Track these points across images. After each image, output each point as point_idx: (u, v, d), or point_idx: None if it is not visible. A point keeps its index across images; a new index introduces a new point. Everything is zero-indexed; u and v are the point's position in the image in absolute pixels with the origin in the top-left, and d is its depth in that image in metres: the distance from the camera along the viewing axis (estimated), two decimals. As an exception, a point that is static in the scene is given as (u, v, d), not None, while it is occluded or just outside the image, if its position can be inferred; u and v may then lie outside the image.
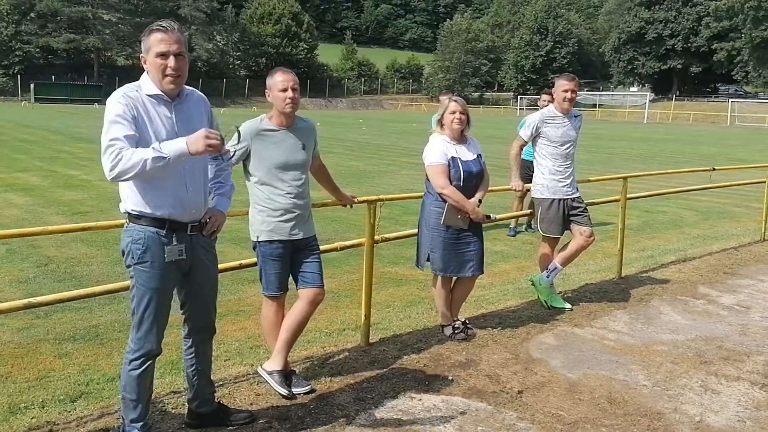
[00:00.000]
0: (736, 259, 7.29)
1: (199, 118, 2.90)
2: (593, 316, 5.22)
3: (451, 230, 4.44)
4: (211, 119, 3.02)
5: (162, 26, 2.74)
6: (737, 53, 64.41)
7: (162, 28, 2.74)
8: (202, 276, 3.00)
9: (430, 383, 3.89)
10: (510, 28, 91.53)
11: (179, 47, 2.75)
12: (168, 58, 2.72)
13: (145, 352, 2.86)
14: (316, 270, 3.69)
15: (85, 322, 4.78)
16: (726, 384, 3.97)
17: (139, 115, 2.71)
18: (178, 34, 2.76)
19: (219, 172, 3.11)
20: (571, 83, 5.23)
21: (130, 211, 2.80)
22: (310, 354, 4.29)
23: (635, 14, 73.51)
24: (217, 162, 3.08)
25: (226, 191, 3.13)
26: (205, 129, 2.61)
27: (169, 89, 2.78)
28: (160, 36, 2.73)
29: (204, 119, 2.95)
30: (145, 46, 2.77)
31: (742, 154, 24.41)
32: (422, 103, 79.51)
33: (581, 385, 3.91)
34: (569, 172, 5.27)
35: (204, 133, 2.57)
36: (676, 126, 53.13)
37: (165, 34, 2.73)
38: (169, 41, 2.72)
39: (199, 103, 2.96)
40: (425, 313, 5.25)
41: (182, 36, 2.80)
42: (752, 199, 11.94)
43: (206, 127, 2.87)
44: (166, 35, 2.73)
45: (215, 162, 3.07)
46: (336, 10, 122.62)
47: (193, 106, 2.91)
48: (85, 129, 26.89)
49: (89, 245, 6.98)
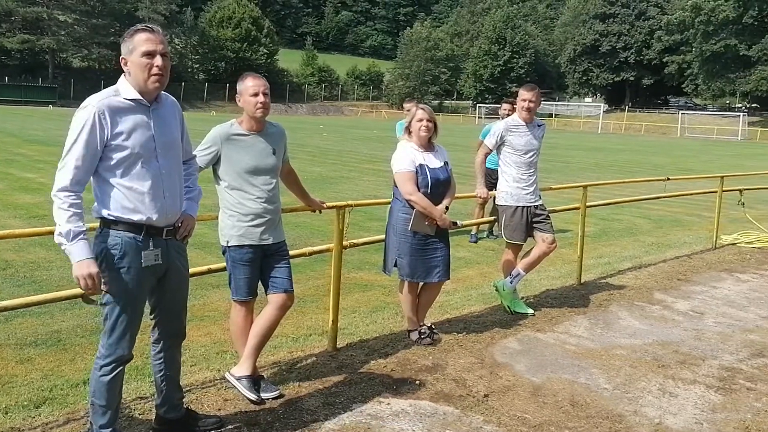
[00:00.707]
0: (689, 266, 7.55)
1: (174, 123, 2.91)
2: (555, 321, 5.34)
3: (418, 236, 4.50)
4: (183, 125, 3.02)
5: (148, 27, 2.75)
6: (688, 66, 66.63)
7: (148, 29, 2.75)
8: (176, 280, 2.98)
9: (397, 387, 3.93)
10: (469, 37, 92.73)
11: (165, 47, 2.76)
12: (154, 58, 2.71)
13: (116, 358, 2.83)
14: (285, 275, 3.70)
15: (46, 327, 4.68)
16: (683, 387, 4.12)
17: (113, 123, 2.68)
18: (163, 36, 2.77)
19: (187, 177, 3.10)
20: (529, 93, 5.36)
21: (106, 216, 2.76)
22: (277, 359, 4.28)
23: (590, 27, 75.44)
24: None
25: (194, 196, 3.12)
26: (93, 271, 2.60)
27: (153, 89, 2.76)
28: (145, 36, 2.73)
29: (178, 124, 2.94)
30: (128, 47, 2.74)
31: (693, 164, 25.25)
32: (382, 110, 79.83)
33: (545, 389, 4.00)
34: (532, 180, 5.39)
35: (87, 274, 2.59)
36: (628, 136, 54.64)
37: (151, 34, 2.73)
38: (155, 41, 2.73)
39: (174, 108, 2.96)
40: (391, 318, 5.29)
41: (166, 39, 2.81)
42: (702, 208, 12.39)
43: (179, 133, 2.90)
44: (152, 35, 2.73)
45: (184, 165, 3.06)
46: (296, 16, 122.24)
47: (168, 110, 2.90)
48: (41, 131, 26.20)
49: (48, 249, 6.80)
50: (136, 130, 2.73)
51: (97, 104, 2.67)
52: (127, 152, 2.70)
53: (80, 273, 2.60)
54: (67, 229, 2.59)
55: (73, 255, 2.61)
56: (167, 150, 2.84)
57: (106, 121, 2.66)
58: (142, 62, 2.71)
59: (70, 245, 2.60)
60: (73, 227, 2.59)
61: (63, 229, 2.59)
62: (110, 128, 2.67)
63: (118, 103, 2.72)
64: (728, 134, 55.60)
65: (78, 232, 2.60)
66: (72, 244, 2.59)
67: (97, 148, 2.67)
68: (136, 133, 2.73)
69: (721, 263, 7.78)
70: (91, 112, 2.65)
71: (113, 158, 2.70)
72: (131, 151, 2.71)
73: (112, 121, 2.68)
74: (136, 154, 2.72)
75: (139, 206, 2.75)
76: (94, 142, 2.65)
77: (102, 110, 2.66)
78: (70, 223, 2.59)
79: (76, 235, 2.59)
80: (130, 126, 2.72)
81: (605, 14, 74.68)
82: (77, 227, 2.60)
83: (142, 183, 2.74)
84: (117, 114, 2.69)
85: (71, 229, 2.59)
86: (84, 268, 2.60)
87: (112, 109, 2.69)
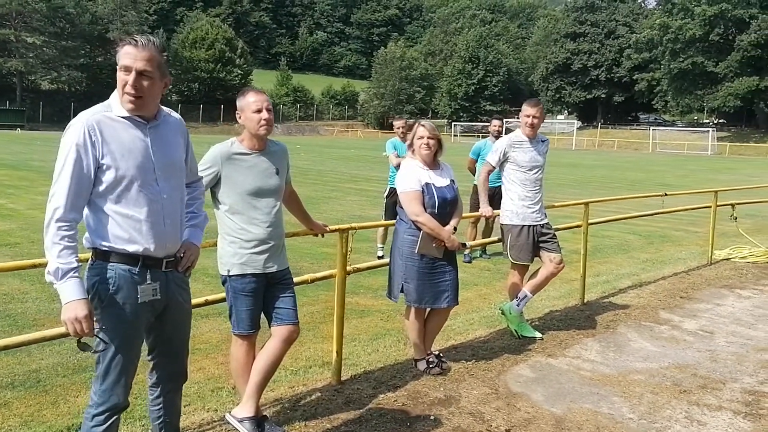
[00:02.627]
0: (689, 283, 7.40)
1: (176, 143, 2.62)
2: (564, 345, 5.11)
3: (425, 259, 4.25)
4: (188, 144, 2.73)
5: (134, 40, 2.43)
6: (657, 83, 67.86)
7: (133, 42, 2.43)
8: (177, 317, 2.68)
9: (412, 424, 3.65)
10: (443, 56, 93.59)
11: (146, 65, 2.41)
12: (129, 74, 2.41)
13: (110, 406, 2.52)
14: (290, 305, 3.42)
15: (23, 367, 4.30)
16: (710, 414, 3.91)
17: (104, 141, 2.40)
18: (151, 53, 2.43)
19: (191, 201, 2.81)
20: (533, 109, 5.18)
21: (98, 247, 2.47)
22: (278, 396, 3.98)
23: (561, 45, 76.68)
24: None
25: (199, 222, 2.83)
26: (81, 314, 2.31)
27: (128, 109, 2.46)
28: (128, 49, 2.42)
29: (182, 144, 2.66)
30: (117, 59, 2.46)
31: (669, 179, 25.46)
32: (358, 129, 79.90)
33: (568, 421, 3.75)
34: (538, 198, 5.19)
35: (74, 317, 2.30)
36: (602, 152, 55.23)
37: (134, 49, 2.42)
38: (135, 56, 2.40)
39: (177, 126, 2.67)
40: (393, 345, 5.02)
41: (157, 55, 2.45)
42: (687, 222, 12.39)
43: (183, 153, 2.62)
44: (135, 50, 2.42)
45: (189, 188, 2.77)
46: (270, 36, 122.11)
47: (170, 129, 2.61)
48: (9, 155, 25.48)
49: (22, 279, 6.40)
50: (131, 150, 2.44)
51: (85, 121, 2.39)
52: (120, 174, 2.41)
53: (67, 316, 2.30)
54: (56, 267, 2.30)
55: (61, 295, 2.32)
56: (168, 172, 2.55)
57: (97, 138, 2.39)
58: (119, 77, 2.43)
59: (59, 284, 2.31)
60: (62, 264, 2.30)
61: (51, 266, 2.31)
62: (101, 147, 2.39)
63: (110, 120, 2.44)
64: (698, 149, 56.56)
65: (67, 269, 2.31)
66: (61, 283, 2.31)
67: (90, 169, 2.39)
68: (131, 153, 2.44)
69: (719, 279, 7.65)
70: (79, 129, 2.38)
71: (104, 181, 2.41)
72: (125, 173, 2.42)
73: (103, 140, 2.39)
74: (131, 177, 2.43)
75: (135, 235, 2.46)
76: (85, 163, 2.38)
77: (92, 126, 2.39)
78: (60, 259, 2.30)
79: (65, 273, 2.31)
80: (124, 145, 2.43)
81: (576, 33, 76.00)
82: (66, 264, 2.31)
83: (138, 209, 2.45)
84: (108, 131, 2.41)
85: (59, 267, 2.30)
86: (71, 310, 2.30)
87: (102, 126, 2.41)
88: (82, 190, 2.39)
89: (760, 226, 12.18)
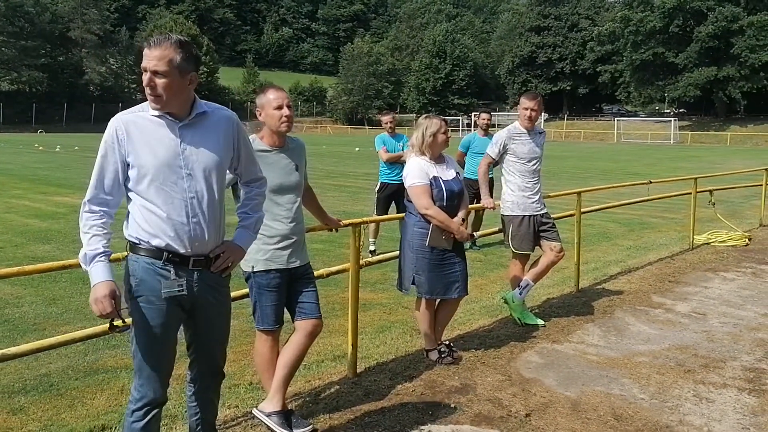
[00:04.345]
0: (674, 267, 7.61)
1: (215, 142, 2.58)
2: (567, 331, 5.23)
3: (435, 251, 4.31)
4: (237, 143, 2.69)
5: (148, 41, 2.48)
6: (620, 75, 69.04)
7: (146, 43, 2.49)
8: (208, 315, 2.68)
9: (433, 412, 3.71)
10: (409, 51, 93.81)
11: (156, 64, 2.42)
12: (145, 74, 2.46)
13: (148, 401, 2.54)
14: (313, 300, 3.45)
15: (33, 372, 4.24)
16: (716, 392, 4.05)
17: (130, 138, 2.48)
18: (162, 51, 2.43)
19: (247, 201, 2.82)
20: (532, 102, 5.27)
21: (128, 238, 2.56)
22: (297, 390, 3.99)
23: (526, 39, 77.50)
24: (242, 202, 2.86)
25: (250, 224, 2.80)
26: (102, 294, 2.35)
27: (153, 108, 2.50)
28: (144, 51, 2.50)
29: (223, 143, 2.62)
30: None
31: (637, 168, 26.00)
32: (327, 125, 79.61)
33: (583, 403, 3.86)
34: (537, 188, 5.30)
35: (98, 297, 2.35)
36: (569, 143, 56.00)
37: (147, 49, 2.47)
38: (147, 57, 2.45)
39: (220, 126, 2.61)
40: (399, 337, 5.08)
41: (170, 52, 2.44)
42: (663, 210, 12.69)
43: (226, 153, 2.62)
44: (148, 50, 2.47)
45: (245, 188, 2.83)
46: (235, 33, 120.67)
47: (211, 128, 2.58)
48: (-29, 158, 24.79)
49: (13, 284, 6.28)
50: (156, 148, 2.48)
51: (117, 120, 2.52)
52: (142, 171, 2.48)
53: (92, 297, 2.39)
54: (83, 253, 2.45)
55: (90, 279, 2.42)
56: (201, 171, 2.54)
57: (124, 136, 2.49)
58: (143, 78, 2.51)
59: (89, 269, 2.43)
60: (89, 250, 2.43)
61: (81, 252, 2.46)
62: (126, 143, 2.48)
63: (141, 119, 2.51)
64: (661, 138, 57.80)
65: (94, 255, 2.42)
66: (90, 267, 2.43)
67: (117, 165, 2.50)
68: (156, 151, 2.48)
69: (702, 263, 7.88)
70: (110, 127, 2.52)
71: (131, 177, 2.52)
72: (147, 170, 2.47)
73: (129, 137, 2.48)
74: (153, 174, 2.47)
75: (158, 231, 2.50)
76: (112, 159, 2.51)
77: (120, 125, 2.50)
78: (88, 246, 2.45)
79: (92, 258, 2.43)
80: (149, 143, 2.48)
81: (540, 27, 76.86)
82: (93, 250, 2.43)
83: (160, 205, 2.49)
84: (137, 129, 2.50)
85: (86, 253, 2.44)
86: (97, 291, 2.38)
87: (132, 124, 2.50)
88: (111, 183, 2.51)
89: (732, 211, 12.53)
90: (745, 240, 9.13)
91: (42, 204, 12.62)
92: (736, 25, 55.38)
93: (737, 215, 11.96)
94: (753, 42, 54.70)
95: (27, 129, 59.78)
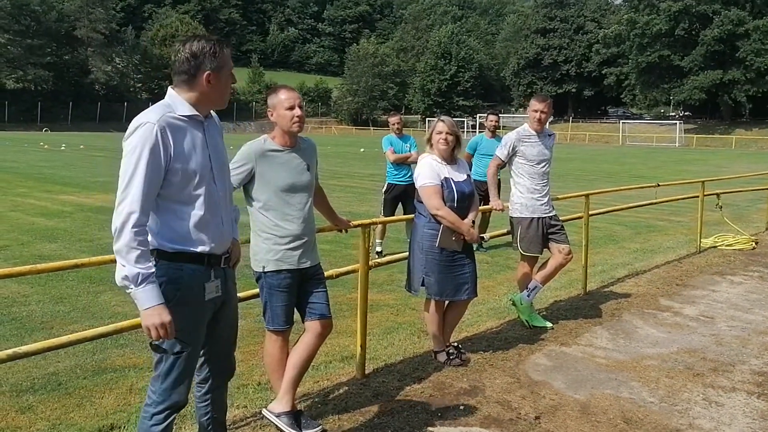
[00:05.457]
0: (682, 270, 7.59)
1: (221, 140, 2.65)
2: (575, 333, 5.22)
3: (445, 252, 4.30)
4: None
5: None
6: (625, 78, 68.95)
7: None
8: (230, 312, 2.71)
9: (443, 414, 3.70)
10: (415, 53, 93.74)
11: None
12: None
13: (170, 405, 2.51)
14: (323, 300, 3.45)
15: (41, 370, 4.24)
16: (725, 396, 4.04)
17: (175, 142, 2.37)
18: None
19: None
20: (541, 104, 5.27)
21: (166, 249, 2.44)
22: (305, 391, 3.99)
23: (532, 41, 77.48)
24: None
25: (234, 218, 2.83)
26: (167, 320, 2.30)
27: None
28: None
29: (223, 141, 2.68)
30: None
31: (642, 171, 25.93)
32: (332, 125, 79.68)
33: (592, 406, 3.85)
34: (546, 191, 5.29)
35: (160, 323, 2.29)
36: (574, 146, 55.91)
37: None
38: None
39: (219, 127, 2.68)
40: (407, 339, 5.07)
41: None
42: (669, 213, 12.66)
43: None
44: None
45: None
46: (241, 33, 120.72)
47: (216, 129, 2.63)
48: (-22, 156, 24.88)
49: (20, 283, 6.29)
50: (195, 150, 2.44)
51: (157, 121, 2.34)
52: (188, 175, 2.40)
53: (151, 322, 2.28)
54: (135, 272, 2.26)
55: (140, 301, 2.29)
56: (221, 171, 2.57)
57: (168, 139, 2.35)
58: None
59: (138, 290, 2.27)
60: (142, 269, 2.27)
61: (130, 271, 2.26)
62: (173, 147, 2.36)
63: (175, 120, 2.41)
64: (666, 141, 57.69)
65: (147, 275, 2.28)
66: (139, 289, 2.27)
67: (161, 171, 2.35)
68: (195, 152, 2.44)
69: (710, 267, 7.85)
70: (152, 129, 2.32)
71: (173, 183, 2.38)
72: (192, 173, 2.41)
73: (174, 140, 2.37)
74: (198, 177, 2.43)
75: (201, 235, 2.47)
76: (158, 163, 2.33)
77: (163, 127, 2.35)
78: (138, 265, 2.27)
79: (145, 278, 2.28)
80: (189, 145, 2.43)
81: (545, 29, 76.83)
82: (146, 269, 2.28)
83: (203, 208, 2.46)
84: (176, 132, 2.39)
85: (139, 272, 2.26)
86: (156, 316, 2.28)
87: (172, 128, 2.38)
88: (154, 191, 2.35)
89: (738, 214, 12.48)
90: (752, 244, 9.10)
91: (48, 202, 12.65)
92: (741, 28, 55.28)
93: (743, 219, 11.91)
94: (758, 46, 54.61)
95: (32, 127, 59.95)
